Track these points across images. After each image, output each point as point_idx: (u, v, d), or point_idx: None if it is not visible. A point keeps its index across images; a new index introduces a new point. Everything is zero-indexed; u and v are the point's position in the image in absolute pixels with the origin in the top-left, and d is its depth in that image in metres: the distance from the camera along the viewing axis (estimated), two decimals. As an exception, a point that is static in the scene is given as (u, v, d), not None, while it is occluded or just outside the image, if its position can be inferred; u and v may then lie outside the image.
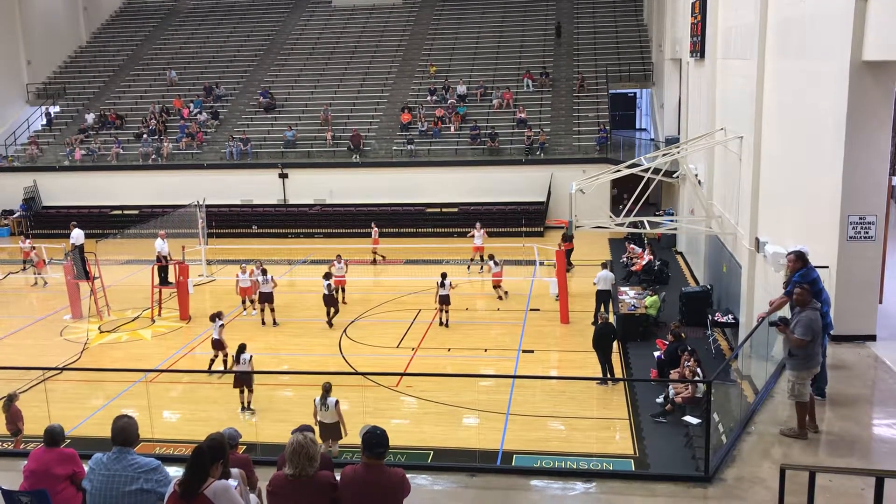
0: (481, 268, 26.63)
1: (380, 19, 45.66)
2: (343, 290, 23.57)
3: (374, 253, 28.68)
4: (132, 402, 15.41)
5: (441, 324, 21.34)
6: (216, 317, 18.23)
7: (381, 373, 17.43)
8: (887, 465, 8.20)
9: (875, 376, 10.57)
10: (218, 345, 18.23)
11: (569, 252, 27.12)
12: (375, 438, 5.93)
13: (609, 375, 16.91)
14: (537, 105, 37.49)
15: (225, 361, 18.19)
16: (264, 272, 22.25)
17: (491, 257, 23.78)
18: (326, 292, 21.55)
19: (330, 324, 21.53)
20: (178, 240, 27.29)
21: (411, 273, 27.74)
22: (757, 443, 8.78)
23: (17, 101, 42.65)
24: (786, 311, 10.34)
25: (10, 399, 13.68)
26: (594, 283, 20.98)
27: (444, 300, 21.20)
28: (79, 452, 7.07)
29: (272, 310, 21.95)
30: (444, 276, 21.38)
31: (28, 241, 29.26)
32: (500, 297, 23.46)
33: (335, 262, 23.65)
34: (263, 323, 21.91)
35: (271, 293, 21.95)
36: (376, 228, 29.09)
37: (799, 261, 9.75)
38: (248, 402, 15.97)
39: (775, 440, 8.81)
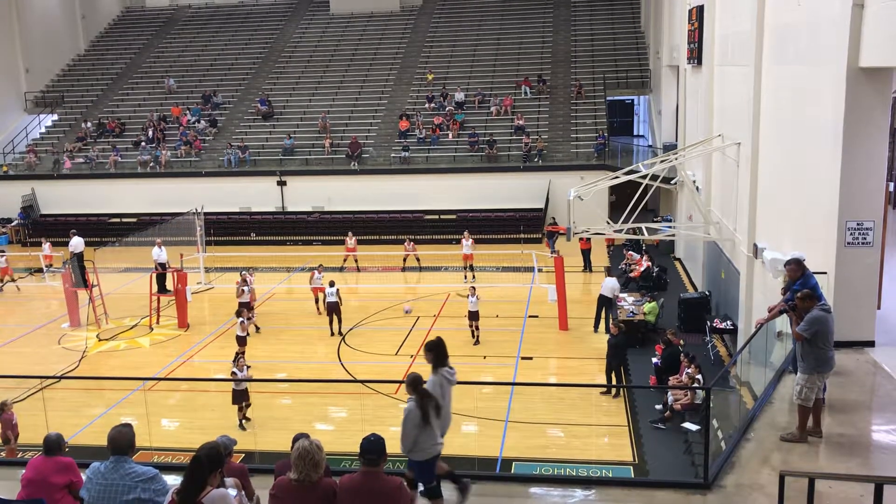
0: (473, 276, 26.60)
1: (378, 27, 45.77)
2: (316, 300, 23.40)
3: (355, 261, 28.81)
4: (130, 411, 15.37)
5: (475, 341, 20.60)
6: (240, 313, 19.13)
7: (379, 380, 17.41)
8: (887, 471, 8.19)
9: (874, 382, 10.56)
10: (242, 341, 18.82)
11: (587, 252, 27.15)
12: (367, 444, 5.93)
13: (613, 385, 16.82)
14: (535, 112, 37.56)
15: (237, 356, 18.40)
16: (245, 282, 22.29)
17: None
18: (331, 300, 21.50)
19: (332, 332, 21.47)
20: (177, 247, 27.30)
21: (409, 280, 27.78)
22: (756, 449, 8.77)
23: (15, 110, 42.64)
24: (784, 319, 10.36)
25: (1, 408, 13.62)
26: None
27: (473, 316, 20.52)
28: (77, 461, 7.04)
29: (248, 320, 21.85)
30: (473, 290, 20.85)
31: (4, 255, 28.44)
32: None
33: (315, 272, 23.61)
34: (258, 329, 21.85)
35: (248, 303, 21.96)
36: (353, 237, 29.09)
37: (798, 269, 9.74)
38: (245, 416, 15.86)
39: (774, 446, 8.79)
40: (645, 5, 41.93)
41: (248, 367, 16.18)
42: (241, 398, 15.65)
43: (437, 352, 7.89)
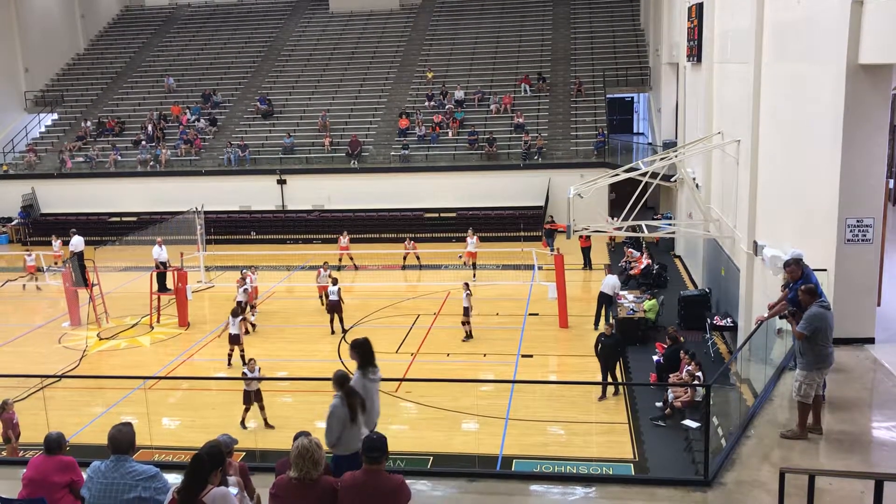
0: (474, 275, 26.59)
1: (377, 25, 45.75)
2: (321, 297, 23.43)
3: (350, 259, 28.70)
4: (131, 410, 15.37)
5: (468, 336, 20.64)
6: (236, 312, 19.12)
7: (379, 379, 17.36)
8: (887, 467, 8.20)
9: (874, 379, 10.57)
10: (235, 339, 18.90)
11: (586, 250, 27.15)
12: (371, 443, 5.94)
13: (608, 387, 16.56)
14: (535, 110, 37.54)
15: (242, 356, 18.73)
16: (244, 280, 22.23)
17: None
18: (333, 298, 21.49)
19: (332, 330, 21.49)
20: (177, 246, 27.30)
21: (409, 278, 27.78)
22: (756, 446, 8.77)
23: (15, 109, 42.62)
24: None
25: (2, 407, 13.62)
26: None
27: (466, 312, 20.57)
28: (77, 460, 7.06)
29: (243, 319, 21.86)
30: (466, 285, 21.00)
31: (32, 255, 28.51)
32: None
33: (321, 270, 23.62)
34: (254, 327, 21.84)
35: (244, 302, 21.98)
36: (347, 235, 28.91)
37: (798, 268, 9.75)
38: (265, 419, 15.70)
39: (775, 443, 8.80)
40: (644, 2, 41.90)
41: (259, 368, 16.03)
42: (250, 399, 15.55)
43: (361, 351, 8.09)
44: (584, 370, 18.47)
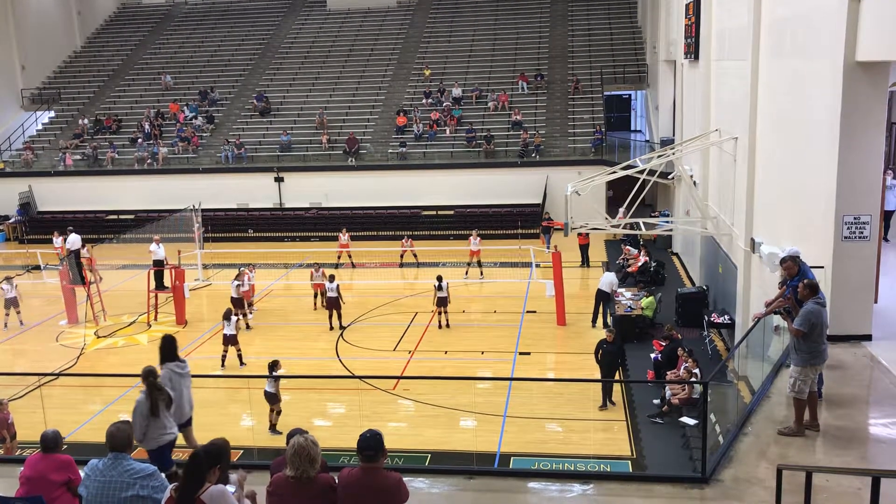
0: (481, 273, 26.59)
1: (375, 22, 45.71)
2: (317, 296, 23.51)
3: (349, 257, 28.70)
4: (128, 408, 15.21)
5: (440, 326, 21.34)
6: (228, 315, 19.05)
7: (378, 376, 17.42)
8: (884, 464, 8.22)
9: (871, 376, 10.58)
10: (232, 340, 18.89)
11: (584, 247, 27.16)
12: (364, 441, 5.90)
13: (609, 396, 16.22)
14: (532, 107, 37.53)
15: (239, 355, 18.89)
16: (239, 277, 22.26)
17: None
18: (331, 295, 21.53)
19: (331, 326, 21.53)
20: (175, 244, 27.25)
21: (407, 276, 27.77)
22: (754, 443, 8.79)
23: (11, 107, 42.55)
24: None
25: None
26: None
27: (442, 302, 21.30)
28: (75, 458, 7.05)
29: (244, 314, 21.95)
30: (439, 278, 21.43)
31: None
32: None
33: (313, 271, 23.67)
34: (248, 327, 21.85)
35: (241, 299, 22.05)
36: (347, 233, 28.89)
37: (794, 265, 9.77)
38: (275, 424, 15.49)
39: (772, 440, 8.82)
40: (642, 0, 41.89)
41: (281, 369, 15.87)
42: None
43: (164, 348, 8.81)
44: (581, 367, 18.47)
